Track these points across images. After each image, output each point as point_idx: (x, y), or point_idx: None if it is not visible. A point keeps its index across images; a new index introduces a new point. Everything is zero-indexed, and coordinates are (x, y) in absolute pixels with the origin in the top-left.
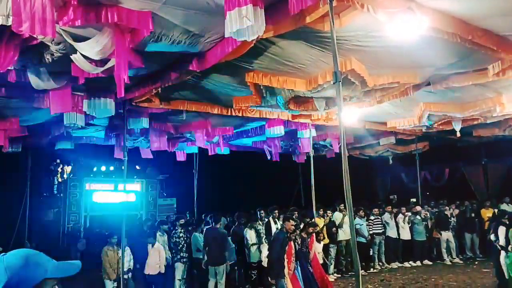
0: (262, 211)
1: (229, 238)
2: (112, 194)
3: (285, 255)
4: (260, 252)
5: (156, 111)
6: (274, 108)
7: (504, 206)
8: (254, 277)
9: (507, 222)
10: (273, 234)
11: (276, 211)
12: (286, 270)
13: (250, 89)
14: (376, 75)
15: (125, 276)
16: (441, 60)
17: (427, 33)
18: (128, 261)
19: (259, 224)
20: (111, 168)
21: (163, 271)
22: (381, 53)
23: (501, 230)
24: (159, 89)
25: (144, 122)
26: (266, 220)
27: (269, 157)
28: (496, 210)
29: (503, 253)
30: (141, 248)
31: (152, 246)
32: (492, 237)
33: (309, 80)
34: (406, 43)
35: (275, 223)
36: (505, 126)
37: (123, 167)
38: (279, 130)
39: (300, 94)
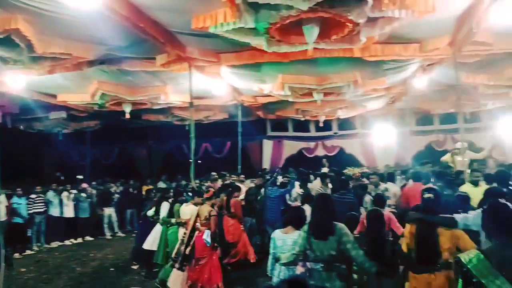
0: None
1: None
2: None
3: None
4: None
5: None
6: None
7: (161, 184)
8: None
9: (173, 199)
10: None
11: None
12: None
13: None
14: (47, 42)
15: None
16: (114, 41)
17: (103, 10)
18: None
19: None
20: None
21: None
22: (56, 19)
23: (164, 206)
24: None
25: None
26: None
27: None
28: (149, 188)
29: (160, 226)
30: None
31: None
32: (150, 212)
33: None
34: (82, 15)
35: None
36: (169, 114)
37: None
38: None
39: None
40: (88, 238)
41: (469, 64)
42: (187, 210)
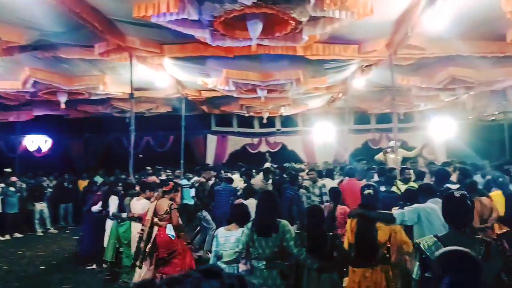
0: None
1: None
2: None
3: None
4: None
5: None
6: None
7: (97, 178)
8: None
9: (122, 192)
10: None
11: None
12: None
13: None
14: None
15: None
16: (48, 26)
17: None
18: None
19: None
20: None
21: None
22: None
23: (113, 199)
24: None
25: None
26: None
27: None
28: (89, 181)
29: (110, 221)
30: None
31: None
32: (95, 208)
33: None
34: None
35: None
36: (108, 105)
37: None
38: None
39: None
40: (17, 234)
41: (404, 67)
42: (139, 205)
